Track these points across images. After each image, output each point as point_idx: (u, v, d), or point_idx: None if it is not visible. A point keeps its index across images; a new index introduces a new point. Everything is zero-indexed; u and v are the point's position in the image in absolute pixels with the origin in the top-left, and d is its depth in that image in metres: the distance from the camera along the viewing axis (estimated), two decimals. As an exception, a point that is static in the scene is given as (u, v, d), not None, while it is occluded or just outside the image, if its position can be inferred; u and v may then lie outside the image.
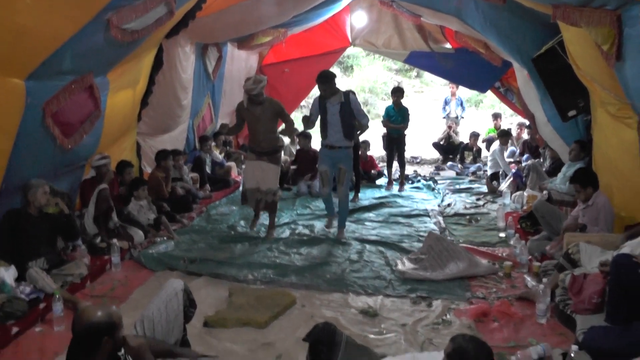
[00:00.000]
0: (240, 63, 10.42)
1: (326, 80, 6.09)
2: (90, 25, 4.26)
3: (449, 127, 12.37)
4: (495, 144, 9.50)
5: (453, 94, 13.05)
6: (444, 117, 13.13)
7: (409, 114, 9.16)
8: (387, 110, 9.31)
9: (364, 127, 6.52)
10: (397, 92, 9.22)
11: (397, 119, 9.08)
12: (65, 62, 4.50)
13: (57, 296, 4.08)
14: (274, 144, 6.34)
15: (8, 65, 3.95)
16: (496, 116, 12.36)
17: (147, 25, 5.05)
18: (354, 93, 6.31)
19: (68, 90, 4.83)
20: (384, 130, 9.71)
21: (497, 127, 11.91)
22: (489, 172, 9.41)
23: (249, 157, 6.41)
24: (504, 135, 9.64)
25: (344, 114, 6.13)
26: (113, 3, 4.25)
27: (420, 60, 11.27)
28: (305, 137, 9.43)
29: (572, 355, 3.16)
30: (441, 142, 12.35)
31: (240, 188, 6.73)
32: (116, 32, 4.58)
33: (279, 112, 6.19)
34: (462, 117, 13.22)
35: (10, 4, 3.50)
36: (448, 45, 10.49)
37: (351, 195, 8.43)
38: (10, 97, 4.18)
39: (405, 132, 9.29)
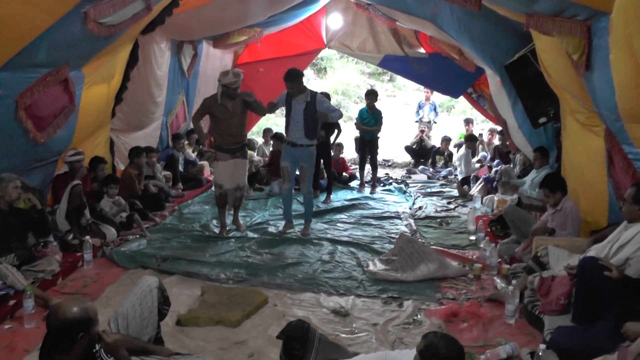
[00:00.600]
0: (215, 61, 10.39)
1: (293, 78, 6.17)
2: (67, 17, 4.25)
3: (422, 132, 12.49)
4: (463, 149, 9.68)
5: (427, 99, 13.14)
6: (417, 121, 13.23)
7: (382, 117, 9.24)
8: (361, 112, 9.36)
9: (335, 119, 6.57)
10: (371, 95, 9.27)
11: (370, 121, 9.13)
12: (40, 54, 4.46)
13: (29, 293, 4.04)
14: (245, 138, 6.44)
15: (-19, 56, 3.92)
16: (468, 122, 12.49)
17: (124, 20, 5.04)
18: (327, 95, 6.38)
19: (42, 83, 4.80)
20: (357, 133, 9.76)
21: (468, 132, 12.06)
22: (459, 177, 9.55)
23: (222, 158, 6.33)
24: (471, 140, 9.81)
25: (308, 113, 6.24)
26: (91, -4, 4.25)
27: (394, 64, 11.34)
28: (279, 138, 9.44)
29: (540, 354, 3.24)
30: (413, 146, 12.45)
31: (214, 189, 6.69)
32: (93, 25, 4.57)
33: (249, 102, 6.23)
34: (435, 122, 13.30)
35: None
36: (422, 50, 10.59)
37: (323, 197, 8.52)
38: (-18, 88, 4.14)
39: (378, 135, 9.37)
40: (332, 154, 9.53)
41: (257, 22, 8.97)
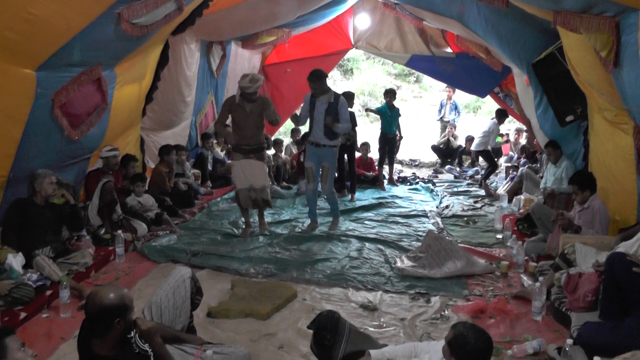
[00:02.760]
0: (244, 62, 10.47)
1: (316, 78, 6.23)
2: (102, 18, 4.35)
3: (448, 132, 12.50)
4: (491, 123, 9.68)
5: (449, 98, 13.16)
6: (438, 120, 13.31)
7: (400, 114, 9.76)
8: (383, 109, 9.65)
9: (340, 130, 6.37)
10: (390, 93, 9.63)
11: (391, 118, 9.36)
12: (75, 54, 4.57)
13: (65, 283, 4.16)
14: (261, 141, 6.40)
15: (20, 56, 4.03)
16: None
17: (156, 21, 5.13)
18: (352, 95, 6.39)
19: (77, 81, 4.91)
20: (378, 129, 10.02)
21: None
22: (473, 148, 9.72)
23: (235, 157, 6.37)
24: (503, 115, 9.70)
25: (329, 114, 6.26)
26: (125, -3, 4.35)
27: (421, 64, 11.33)
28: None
29: (567, 349, 3.25)
30: (440, 146, 12.44)
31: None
32: (126, 26, 4.66)
33: (266, 108, 6.18)
34: (455, 121, 13.30)
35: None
36: (449, 50, 10.59)
37: (350, 197, 8.59)
38: (21, 87, 4.27)
39: (398, 132, 9.76)
40: (361, 154, 9.85)
41: (285, 22, 9.05)
